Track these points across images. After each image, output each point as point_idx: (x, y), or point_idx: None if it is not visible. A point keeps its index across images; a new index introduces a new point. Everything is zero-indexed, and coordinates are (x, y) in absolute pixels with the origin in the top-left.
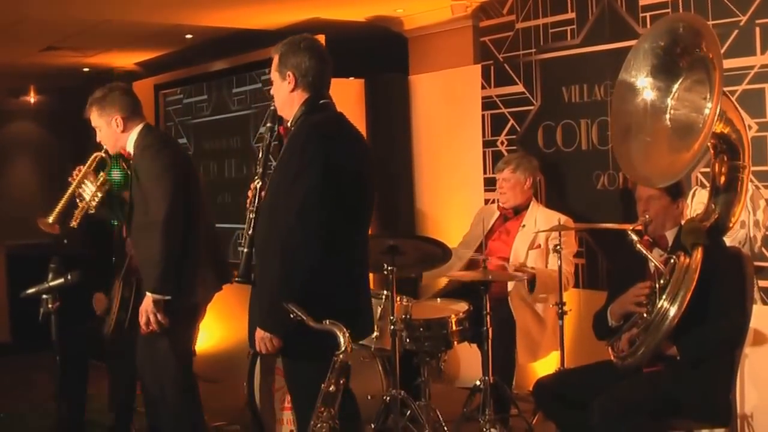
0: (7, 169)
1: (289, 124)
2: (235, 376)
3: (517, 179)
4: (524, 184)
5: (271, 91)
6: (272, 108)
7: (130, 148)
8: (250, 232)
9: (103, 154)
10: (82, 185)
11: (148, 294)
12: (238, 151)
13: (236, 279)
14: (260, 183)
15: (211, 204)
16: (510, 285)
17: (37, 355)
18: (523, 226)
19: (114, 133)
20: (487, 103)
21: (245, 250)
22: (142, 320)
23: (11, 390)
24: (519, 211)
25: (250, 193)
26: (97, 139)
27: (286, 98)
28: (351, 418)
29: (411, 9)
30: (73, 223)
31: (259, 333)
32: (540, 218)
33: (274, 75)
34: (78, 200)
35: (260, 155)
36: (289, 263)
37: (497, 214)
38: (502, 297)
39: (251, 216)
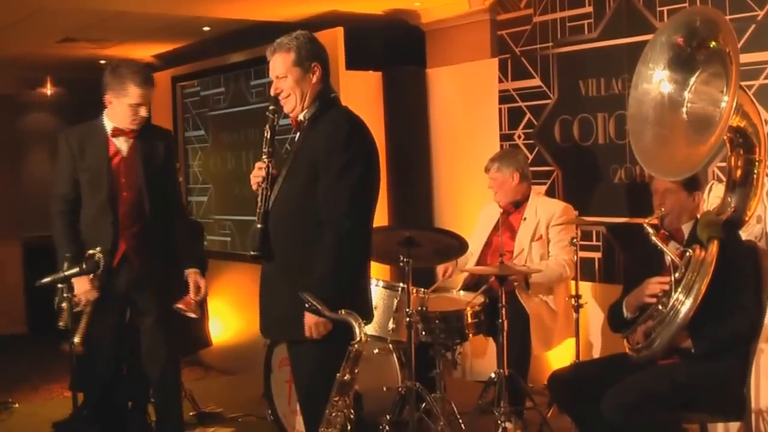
0: (24, 161)
1: (301, 117)
2: (252, 368)
3: (504, 177)
4: (511, 181)
5: (275, 90)
6: (272, 92)
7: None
8: (262, 208)
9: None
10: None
11: None
12: (256, 143)
13: (252, 254)
14: (270, 160)
15: (228, 196)
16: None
17: (53, 345)
18: (525, 219)
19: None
20: (504, 97)
21: (259, 225)
22: None
23: (27, 379)
24: (519, 204)
25: (259, 172)
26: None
27: (307, 91)
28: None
29: (429, 2)
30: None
31: (313, 319)
32: (540, 208)
33: (294, 70)
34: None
35: (267, 135)
36: (348, 254)
37: (500, 210)
38: (512, 290)
39: (266, 192)
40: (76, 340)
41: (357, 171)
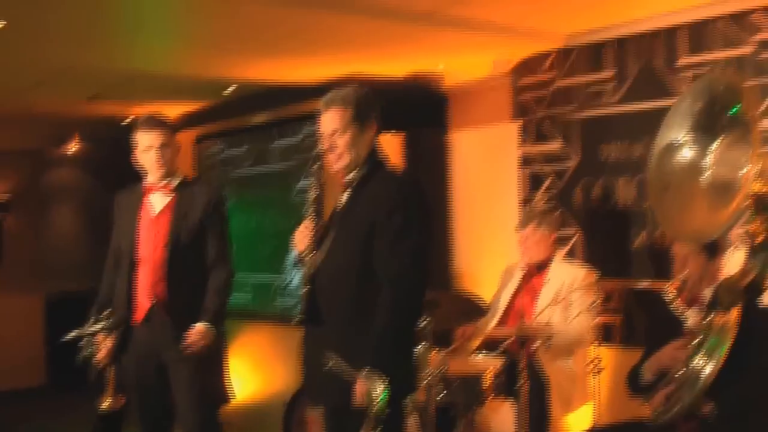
0: (49, 217)
1: (351, 176)
2: (270, 427)
3: (542, 234)
4: (548, 240)
5: (329, 146)
6: (318, 149)
7: None
8: (309, 270)
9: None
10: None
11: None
12: (278, 203)
13: (298, 318)
14: (316, 221)
15: (249, 255)
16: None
17: (74, 398)
18: (548, 281)
19: None
20: (526, 160)
21: (306, 288)
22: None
23: None
24: (542, 267)
25: (305, 232)
26: None
27: (362, 150)
28: None
29: (451, 65)
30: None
31: (365, 386)
32: (563, 272)
33: (352, 126)
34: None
35: (313, 193)
36: (408, 315)
37: (522, 272)
38: (532, 353)
39: (313, 255)
40: (105, 405)
41: (418, 232)
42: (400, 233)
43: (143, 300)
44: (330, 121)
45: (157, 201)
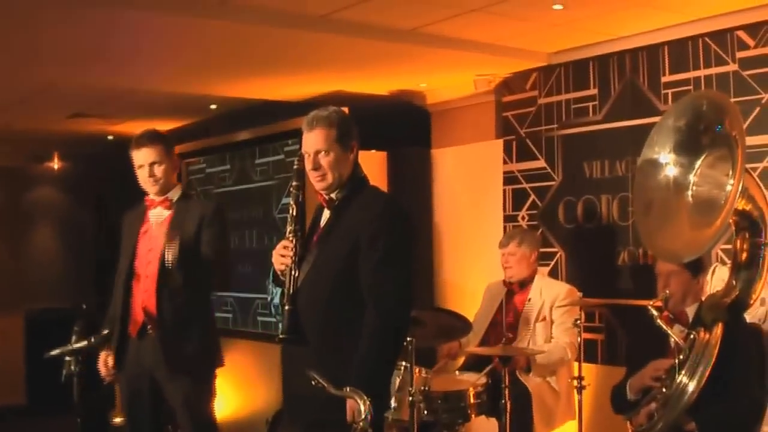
0: (29, 234)
1: (333, 195)
2: None
3: (523, 253)
4: (530, 258)
5: (314, 165)
6: (296, 167)
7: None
8: (291, 289)
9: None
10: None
11: None
12: (260, 221)
13: (281, 337)
14: (297, 239)
15: (232, 272)
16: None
17: (54, 417)
18: (529, 299)
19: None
20: (509, 178)
21: (288, 307)
22: None
23: None
24: (524, 284)
25: (285, 251)
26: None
27: (343, 169)
28: None
29: (434, 83)
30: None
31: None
32: (545, 290)
33: (336, 146)
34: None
35: (293, 212)
36: (392, 336)
37: (504, 289)
38: (515, 370)
39: (294, 274)
40: (116, 421)
41: (402, 253)
42: (384, 255)
43: (137, 315)
44: (314, 141)
45: (157, 216)
